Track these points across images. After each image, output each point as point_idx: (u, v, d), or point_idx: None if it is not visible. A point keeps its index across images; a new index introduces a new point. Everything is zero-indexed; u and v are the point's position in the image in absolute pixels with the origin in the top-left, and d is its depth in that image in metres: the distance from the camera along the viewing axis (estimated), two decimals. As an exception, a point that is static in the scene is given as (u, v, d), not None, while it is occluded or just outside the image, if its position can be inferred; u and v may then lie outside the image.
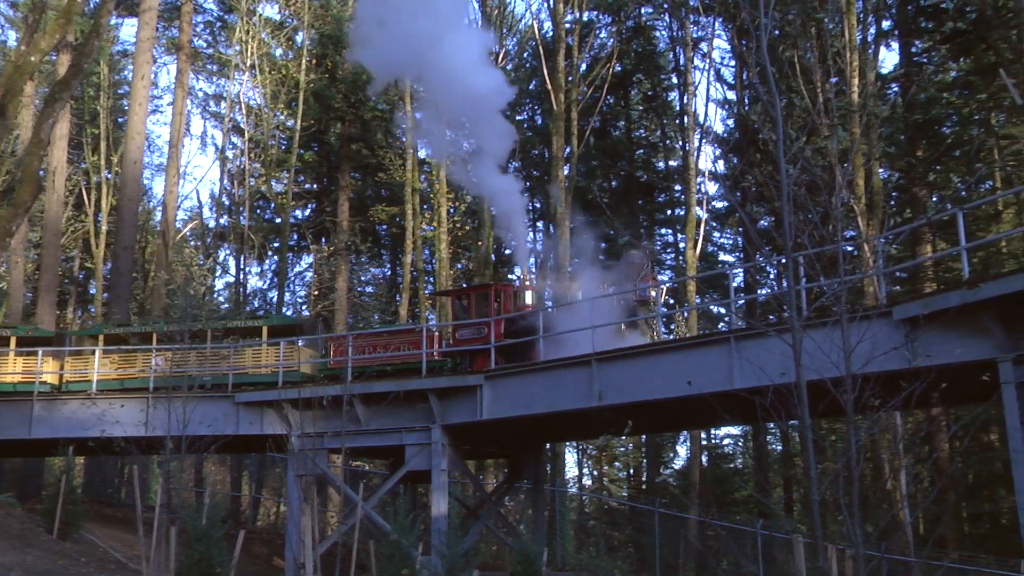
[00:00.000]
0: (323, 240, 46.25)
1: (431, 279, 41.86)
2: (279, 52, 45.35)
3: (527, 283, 24.19)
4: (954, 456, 30.99)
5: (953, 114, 37.87)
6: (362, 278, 51.13)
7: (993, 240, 32.42)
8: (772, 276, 41.10)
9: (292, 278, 48.59)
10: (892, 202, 36.92)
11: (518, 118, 46.19)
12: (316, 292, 44.35)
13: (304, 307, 45.81)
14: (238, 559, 18.29)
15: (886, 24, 38.24)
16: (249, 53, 41.83)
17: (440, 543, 20.03)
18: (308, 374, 24.60)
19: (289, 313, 43.95)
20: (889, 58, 58.32)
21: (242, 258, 44.75)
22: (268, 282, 48.95)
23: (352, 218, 44.45)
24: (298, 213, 48.21)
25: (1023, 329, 14.24)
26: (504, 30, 42.56)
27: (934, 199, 37.76)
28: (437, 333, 24.42)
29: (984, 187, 37.63)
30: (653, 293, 21.53)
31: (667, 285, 24.22)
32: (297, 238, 47.95)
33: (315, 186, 49.42)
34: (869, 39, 35.42)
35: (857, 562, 10.24)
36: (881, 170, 34.96)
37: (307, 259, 48.66)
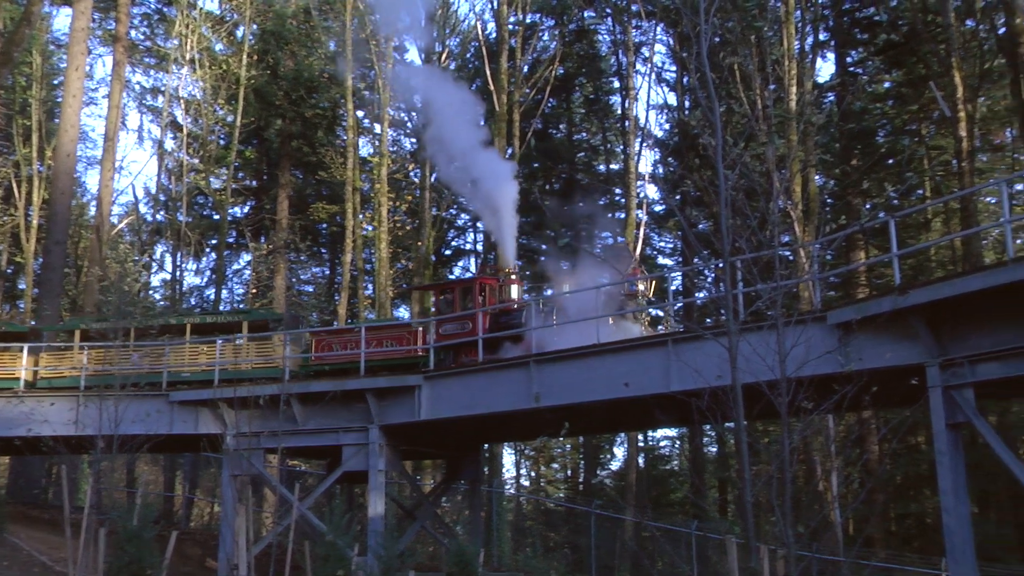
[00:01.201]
0: (262, 238, 45.70)
1: (371, 279, 41.61)
2: (219, 47, 44.74)
3: (513, 277, 23.92)
4: (883, 458, 31.64)
5: (886, 124, 38.75)
6: (301, 276, 50.68)
7: (923, 248, 33.22)
8: (710, 280, 41.63)
9: (230, 276, 47.98)
10: (827, 209, 37.60)
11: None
12: (254, 290, 43.82)
13: (242, 305, 45.21)
14: (170, 561, 17.99)
15: (823, 35, 38.98)
16: (188, 47, 41.20)
17: (376, 544, 19.93)
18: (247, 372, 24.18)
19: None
20: (825, 68, 59.62)
21: (179, 255, 44.05)
22: (205, 279, 48.25)
23: (292, 216, 44.02)
24: (237, 210, 47.59)
25: (950, 334, 14.60)
26: (447, 30, 42.49)
27: (867, 207, 38.54)
28: (421, 329, 24.03)
29: (915, 195, 38.53)
30: (641, 287, 21.45)
31: (655, 277, 23.94)
32: (235, 235, 47.32)
33: (254, 183, 48.82)
34: (807, 48, 36.07)
35: (788, 562, 10.41)
36: (817, 177, 35.60)
37: (245, 257, 48.08)
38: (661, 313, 25.04)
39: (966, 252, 29.53)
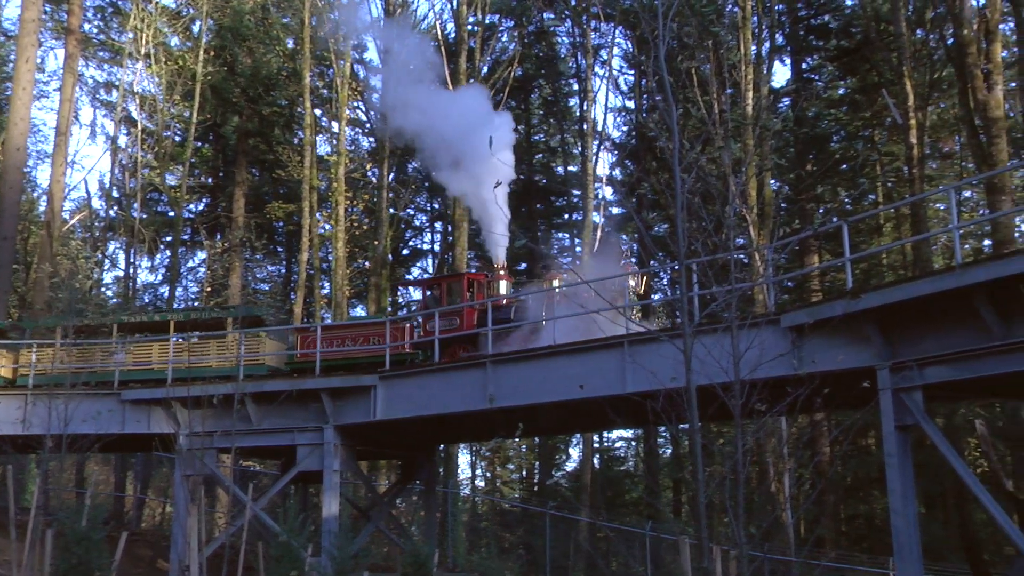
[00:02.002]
0: (217, 236, 45.23)
1: (327, 278, 41.37)
2: (175, 42, 44.20)
3: (502, 273, 23.72)
4: (834, 459, 32.07)
5: (840, 130, 39.31)
6: (257, 275, 50.22)
7: (875, 252, 33.73)
8: (665, 282, 41.91)
9: (184, 274, 47.38)
10: (782, 213, 38.05)
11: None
12: (209, 288, 43.36)
13: (196, 303, 44.71)
14: (120, 562, 17.76)
15: (779, 40, 39.47)
16: (143, 42, 40.65)
17: (330, 544, 19.80)
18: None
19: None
20: (781, 73, 60.42)
21: (132, 252, 43.44)
22: (159, 277, 47.65)
23: (248, 214, 43.62)
24: (192, 207, 47.06)
25: (900, 338, 14.85)
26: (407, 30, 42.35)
27: (821, 211, 39.06)
28: (408, 325, 23.74)
29: (867, 201, 39.13)
30: (632, 282, 21.26)
31: (647, 272, 23.62)
32: (190, 233, 46.79)
33: (210, 180, 48.30)
34: (763, 54, 36.49)
35: (740, 562, 10.52)
36: (772, 181, 36.01)
37: (200, 255, 47.54)
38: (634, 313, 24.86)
39: (916, 257, 30.04)
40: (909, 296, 14.33)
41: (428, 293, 23.69)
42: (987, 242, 34.93)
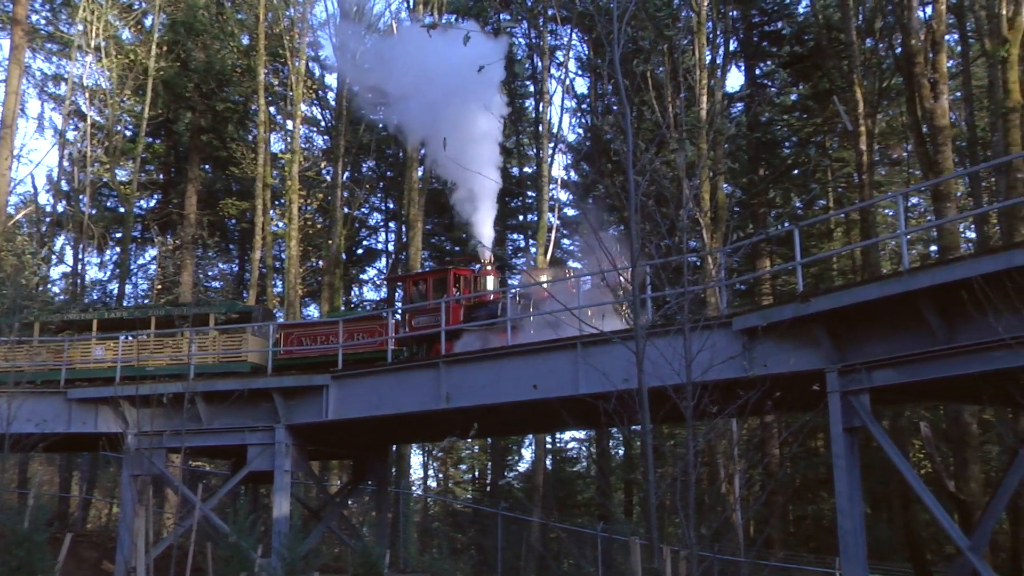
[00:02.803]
0: (169, 233, 44.64)
1: (280, 276, 41.04)
2: (127, 36, 43.55)
3: (488, 268, 23.45)
4: (783, 461, 32.46)
5: (792, 135, 39.81)
6: (209, 273, 49.67)
7: (825, 257, 34.19)
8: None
9: (135, 270, 46.70)
10: (734, 217, 38.44)
11: (373, 117, 45.84)
12: (160, 286, 42.81)
13: (146, 301, 44.09)
14: (63, 564, 17.48)
15: (733, 46, 39.88)
16: (94, 34, 39.99)
17: (281, 545, 19.66)
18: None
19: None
20: (735, 78, 61.06)
21: (80, 248, 42.73)
22: (108, 274, 46.90)
23: (200, 211, 43.11)
24: (143, 203, 46.39)
25: (849, 341, 15.07)
26: (363, 28, 42.15)
27: (773, 215, 39.51)
28: (394, 321, 23.36)
29: (818, 206, 39.67)
30: (623, 278, 21.00)
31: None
32: (141, 229, 46.13)
33: (162, 177, 47.66)
34: (717, 59, 36.85)
35: (690, 562, 10.61)
36: (725, 185, 36.37)
37: (151, 251, 46.87)
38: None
39: (865, 262, 30.51)
40: (857, 300, 14.56)
41: (415, 288, 23.31)
42: (933, 248, 35.59)
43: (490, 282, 23.01)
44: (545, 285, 21.09)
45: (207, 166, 46.31)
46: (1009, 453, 20.60)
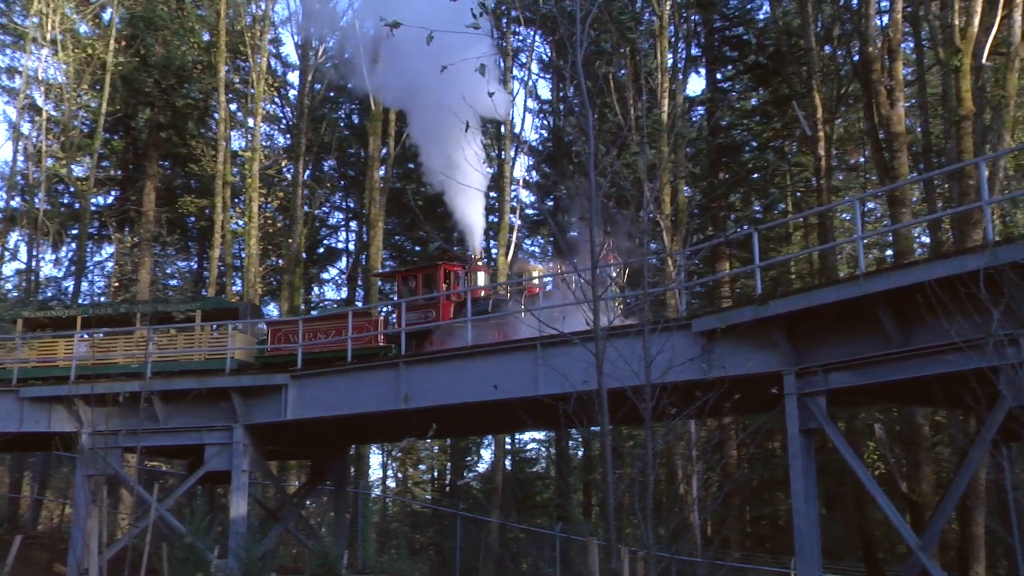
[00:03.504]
0: (126, 229, 44.08)
1: (239, 275, 40.69)
2: (84, 29, 42.93)
3: (479, 264, 23.18)
4: (741, 462, 32.73)
5: (752, 140, 40.19)
6: (167, 271, 49.10)
7: (783, 260, 34.56)
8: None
9: (91, 268, 46.07)
10: (694, 219, 38.72)
11: (334, 116, 45.63)
12: (117, 283, 42.26)
13: (103, 298, 43.51)
14: (12, 566, 17.20)
15: (695, 50, 40.18)
16: (49, 27, 39.39)
17: (238, 545, 19.52)
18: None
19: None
20: (696, 83, 61.54)
21: (35, 244, 42.07)
22: (64, 271, 46.22)
23: (159, 208, 42.61)
24: (100, 200, 45.77)
25: (806, 344, 15.26)
26: (325, 27, 41.94)
27: (732, 218, 39.86)
28: (382, 317, 22.93)
29: (777, 210, 40.06)
30: (615, 273, 20.82)
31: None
32: (98, 226, 45.51)
33: (120, 173, 47.04)
34: (679, 63, 37.11)
35: (648, 563, 10.68)
36: (686, 188, 36.63)
37: (108, 248, 46.25)
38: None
39: (823, 266, 30.84)
40: (814, 303, 14.75)
41: (404, 284, 23.05)
42: (889, 252, 36.09)
43: (481, 278, 22.74)
44: (537, 280, 20.91)
45: (166, 163, 45.79)
46: (959, 455, 20.97)
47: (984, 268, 11.33)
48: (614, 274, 19.92)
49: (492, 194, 46.23)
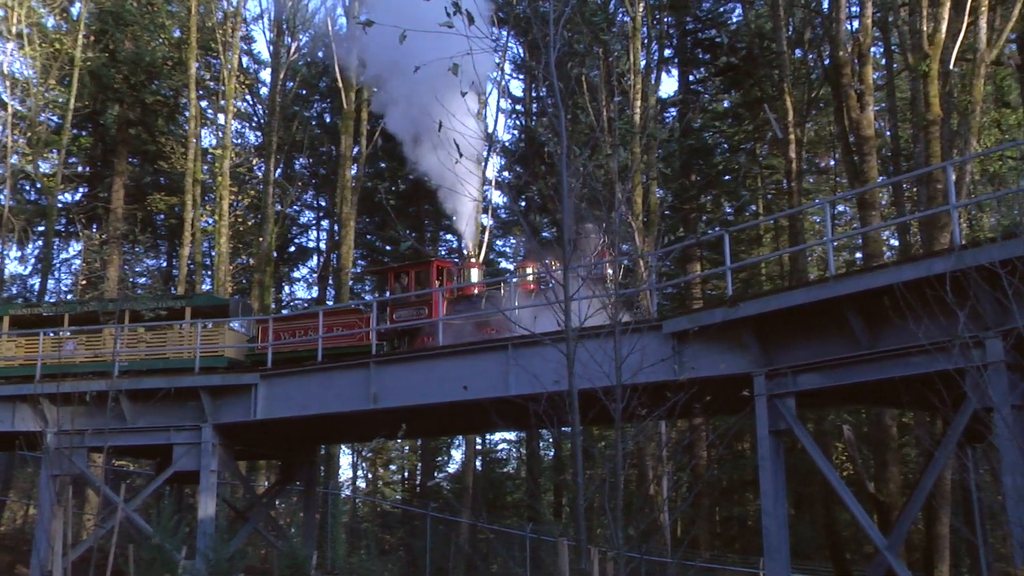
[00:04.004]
0: (95, 227, 43.63)
1: (209, 273, 40.38)
2: (51, 23, 42.43)
3: (472, 261, 22.94)
4: (710, 463, 32.90)
5: (724, 142, 40.40)
6: (136, 269, 48.66)
7: (754, 262, 34.77)
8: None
9: (58, 265, 45.57)
10: (666, 221, 38.85)
11: (306, 114, 45.40)
12: (84, 281, 41.80)
13: (70, 296, 43.01)
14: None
15: (667, 52, 40.33)
16: (15, 20, 38.88)
17: (206, 546, 19.37)
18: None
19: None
20: (669, 84, 61.86)
21: (0, 241, 41.54)
22: (30, 268, 45.68)
23: (128, 206, 42.20)
24: (67, 196, 45.25)
25: (776, 346, 15.34)
26: (298, 24, 41.71)
27: (703, 220, 40.06)
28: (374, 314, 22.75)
29: (748, 211, 40.31)
30: (611, 271, 20.47)
31: (624, 262, 22.33)
32: (65, 223, 45.02)
33: (88, 169, 46.56)
34: (652, 64, 37.22)
35: (618, 564, 10.68)
36: (658, 190, 36.76)
37: (76, 246, 45.74)
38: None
39: (793, 268, 31.07)
40: (785, 305, 14.83)
41: (397, 280, 22.69)
42: (858, 255, 36.41)
43: (474, 274, 22.44)
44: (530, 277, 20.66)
45: (135, 160, 45.38)
46: (926, 455, 21.17)
47: (951, 271, 11.43)
48: (609, 271, 19.71)
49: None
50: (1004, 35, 24.63)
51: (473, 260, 23.04)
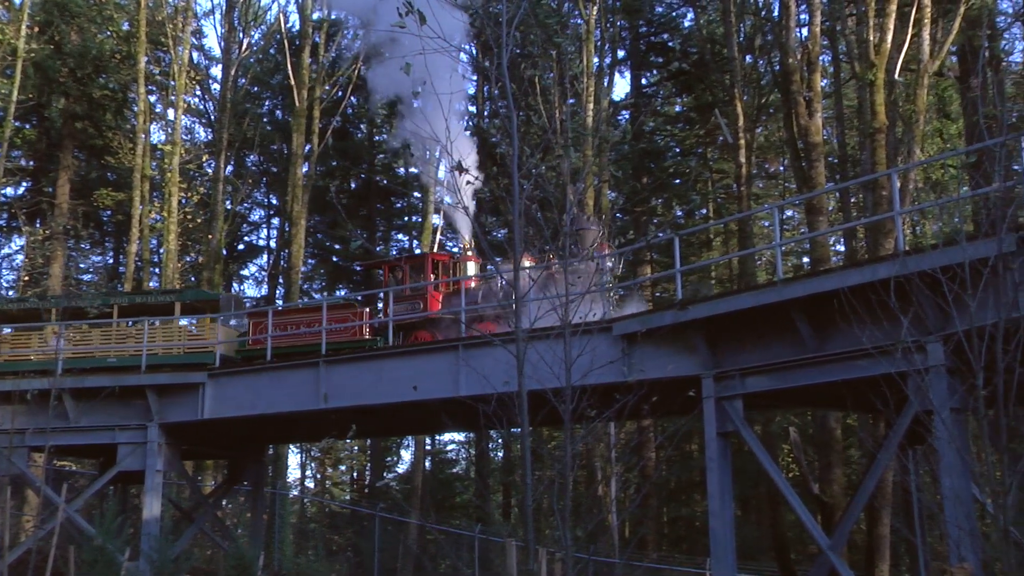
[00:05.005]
0: (38, 222, 42.79)
1: (157, 270, 39.83)
2: (-6, 13, 41.56)
3: (469, 254, 22.62)
4: (659, 464, 33.13)
5: (675, 146, 40.74)
6: (81, 265, 47.85)
7: (703, 265, 35.10)
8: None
9: (-1, 260, 44.71)
10: (617, 223, 39.09)
11: (258, 111, 44.98)
12: (27, 277, 40.99)
13: (11, 292, 42.16)
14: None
15: (620, 55, 40.58)
16: (-44, 10, 38.07)
17: (150, 547, 19.11)
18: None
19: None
20: (621, 87, 62.26)
21: (-61, 235, 40.68)
22: (-30, 263, 44.73)
23: (73, 201, 41.45)
24: (9, 190, 44.38)
25: (725, 348, 15.50)
26: (250, 20, 41.32)
27: (654, 223, 40.34)
28: (368, 309, 22.12)
29: (699, 215, 40.69)
30: (610, 264, 19.87)
31: (623, 253, 22.10)
32: (7, 217, 44.13)
33: (32, 163, 45.68)
34: (604, 67, 37.43)
35: (566, 564, 10.74)
36: (609, 192, 36.95)
37: (18, 241, 44.87)
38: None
39: (742, 271, 31.41)
40: (733, 309, 14.99)
41: (391, 274, 22.38)
42: (806, 259, 36.91)
43: (470, 268, 22.15)
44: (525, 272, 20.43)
45: (81, 154, 44.61)
46: (869, 457, 21.54)
47: (894, 277, 11.63)
48: (610, 264, 19.53)
49: (416, 195, 46.17)
50: (945, 47, 25.16)
51: (470, 253, 22.80)
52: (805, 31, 27.95)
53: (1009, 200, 10.58)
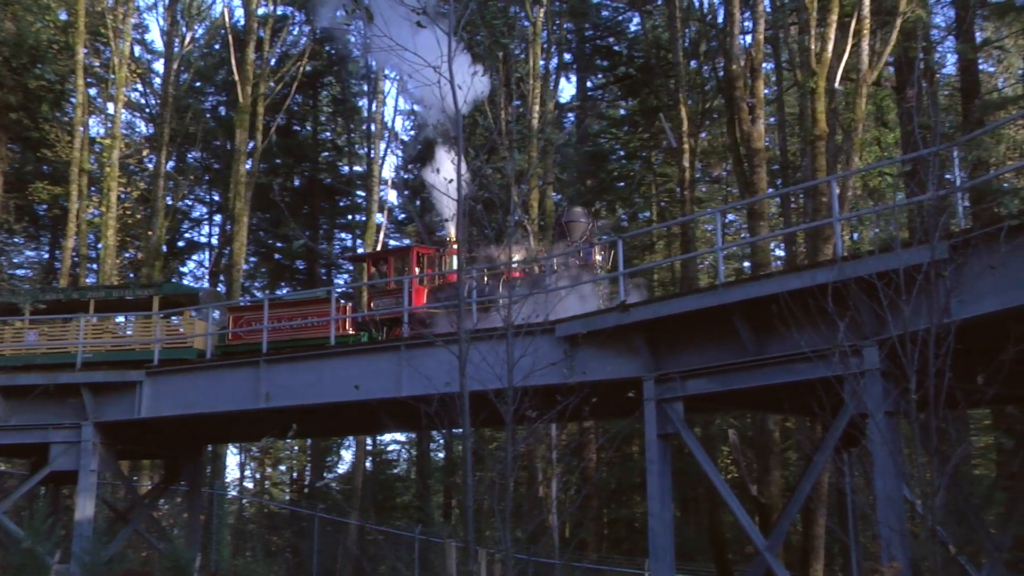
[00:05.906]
0: (-32, 216, 41.77)
1: (94, 266, 39.08)
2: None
3: (454, 247, 22.30)
4: (599, 466, 33.30)
5: (619, 148, 41.01)
6: (14, 260, 46.79)
7: (646, 268, 35.33)
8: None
9: (-73, 254, 43.52)
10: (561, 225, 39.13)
11: (201, 107, 44.36)
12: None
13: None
14: None
15: (566, 57, 40.75)
16: None
17: (81, 549, 18.74)
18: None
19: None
20: (568, 90, 62.74)
21: None
22: None
23: (6, 194, 40.50)
24: (-61, 183, 43.22)
25: (666, 351, 15.64)
26: (193, 14, 40.74)
27: (598, 225, 40.49)
28: (350, 304, 21.79)
29: (642, 218, 41.01)
30: (599, 257, 19.86)
31: (610, 240, 21.73)
32: (-63, 211, 43.00)
33: (-37, 155, 44.57)
34: (551, 69, 37.56)
35: (506, 565, 10.75)
36: (554, 194, 37.09)
37: (-53, 234, 43.72)
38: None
39: (684, 275, 31.72)
40: (675, 312, 15.13)
41: (375, 268, 22.04)
42: (747, 264, 37.35)
43: (455, 261, 22.08)
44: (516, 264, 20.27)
45: (15, 146, 43.58)
46: (805, 459, 21.90)
47: (832, 282, 11.83)
48: (599, 257, 19.37)
49: (360, 192, 45.90)
50: (883, 58, 25.64)
51: (455, 247, 22.60)
52: (749, 38, 28.31)
53: (942, 208, 10.83)
